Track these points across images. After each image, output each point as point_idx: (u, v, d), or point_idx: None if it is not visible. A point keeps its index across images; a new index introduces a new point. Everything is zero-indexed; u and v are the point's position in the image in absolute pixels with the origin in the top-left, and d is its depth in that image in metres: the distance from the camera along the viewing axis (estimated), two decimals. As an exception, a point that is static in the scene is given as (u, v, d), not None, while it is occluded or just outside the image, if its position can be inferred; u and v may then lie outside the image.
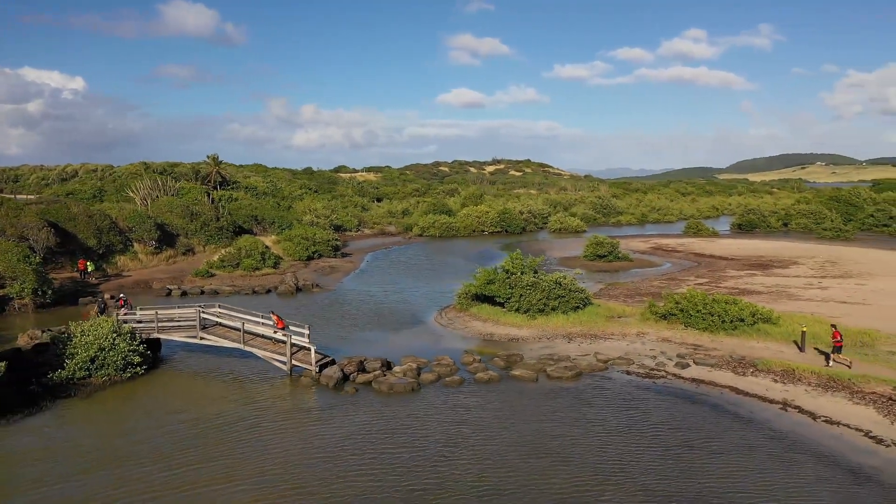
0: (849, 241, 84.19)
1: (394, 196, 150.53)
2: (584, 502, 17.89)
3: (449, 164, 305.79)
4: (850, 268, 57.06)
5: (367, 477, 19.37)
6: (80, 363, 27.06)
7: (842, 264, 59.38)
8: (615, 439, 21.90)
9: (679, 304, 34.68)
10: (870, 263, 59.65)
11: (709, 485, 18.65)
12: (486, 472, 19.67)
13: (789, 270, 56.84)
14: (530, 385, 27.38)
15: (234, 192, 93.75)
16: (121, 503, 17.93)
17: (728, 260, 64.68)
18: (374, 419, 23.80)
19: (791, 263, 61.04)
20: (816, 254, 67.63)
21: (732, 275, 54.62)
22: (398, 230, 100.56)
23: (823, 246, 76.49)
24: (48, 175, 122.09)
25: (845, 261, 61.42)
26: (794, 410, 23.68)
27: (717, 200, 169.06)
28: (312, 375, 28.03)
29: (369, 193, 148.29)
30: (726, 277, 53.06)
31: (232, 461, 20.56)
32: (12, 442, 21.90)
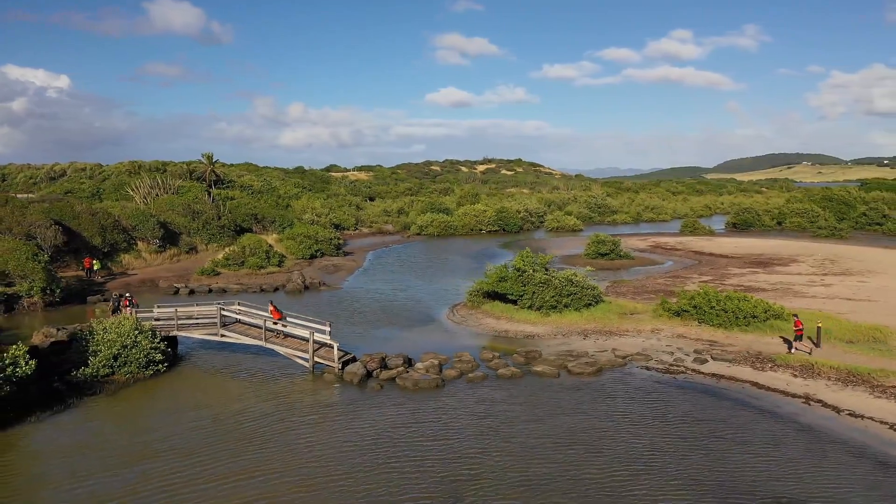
0: (844, 239, 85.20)
1: (386, 195, 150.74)
2: (619, 490, 18.17)
3: (440, 164, 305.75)
4: (849, 265, 57.78)
5: (404, 468, 19.62)
6: (104, 360, 27.05)
7: (841, 262, 60.11)
8: (644, 431, 22.23)
9: (693, 300, 35.08)
10: (868, 261, 60.42)
11: (740, 474, 18.98)
12: (520, 463, 19.98)
13: (790, 268, 57.49)
14: (553, 380, 27.64)
15: (230, 191, 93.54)
16: (157, 496, 18.08)
17: (728, 258, 65.31)
18: (403, 413, 24.01)
19: (791, 261, 61.73)
20: (815, 252, 68.41)
21: (735, 272, 55.18)
22: (396, 229, 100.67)
23: (820, 244, 77.37)
24: (36, 174, 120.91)
25: (844, 259, 62.18)
26: (818, 404, 24.07)
27: (709, 199, 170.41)
28: (335, 372, 28.16)
29: (362, 192, 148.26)
30: (729, 275, 53.59)
31: (264, 455, 20.73)
32: (44, 438, 21.95)
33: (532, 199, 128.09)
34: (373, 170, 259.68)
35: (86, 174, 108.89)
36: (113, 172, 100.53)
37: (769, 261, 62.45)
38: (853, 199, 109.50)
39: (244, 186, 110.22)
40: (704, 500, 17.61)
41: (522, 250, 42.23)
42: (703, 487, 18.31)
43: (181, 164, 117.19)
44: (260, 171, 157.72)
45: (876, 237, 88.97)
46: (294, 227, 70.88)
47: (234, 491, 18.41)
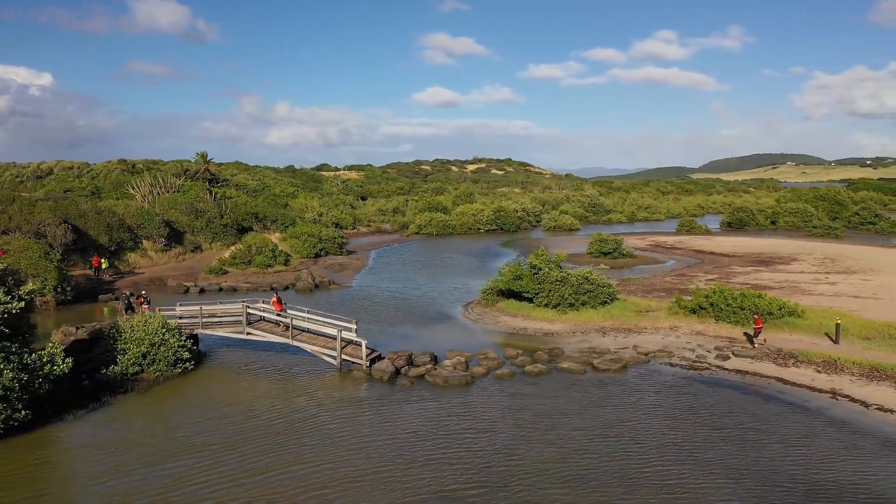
0: (838, 238, 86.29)
1: (378, 194, 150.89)
2: (664, 480, 18.50)
3: (430, 163, 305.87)
4: (849, 264, 58.59)
5: (448, 459, 19.96)
6: (133, 358, 27.06)
7: (841, 261, 60.93)
8: (678, 424, 22.67)
9: (709, 298, 35.53)
10: (867, 260, 61.29)
11: (779, 465, 19.41)
12: (561, 454, 20.42)
13: (791, 266, 58.22)
14: (580, 377, 27.97)
15: (227, 190, 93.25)
16: (205, 488, 18.33)
17: (730, 257, 66.00)
18: (439, 408, 24.28)
19: (791, 260, 62.49)
20: (813, 251, 69.29)
21: (739, 271, 55.83)
22: (394, 228, 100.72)
23: (816, 243, 78.35)
24: (22, 172, 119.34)
25: (843, 257, 63.03)
26: (845, 399, 24.56)
27: (700, 199, 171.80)
28: (363, 369, 28.31)
29: (354, 192, 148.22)
30: (734, 273, 54.21)
31: (305, 448, 21.02)
32: (84, 434, 22.06)
33: (526, 199, 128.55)
34: (363, 169, 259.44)
35: (73, 173, 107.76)
36: (102, 171, 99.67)
37: (770, 259, 63.19)
38: (845, 199, 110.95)
39: (239, 185, 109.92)
40: (747, 488, 18.01)
41: (536, 249, 42.53)
42: (744, 476, 18.79)
43: (173, 163, 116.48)
44: (252, 170, 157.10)
45: (869, 236, 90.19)
46: (297, 226, 70.81)
47: (280, 482, 18.71)
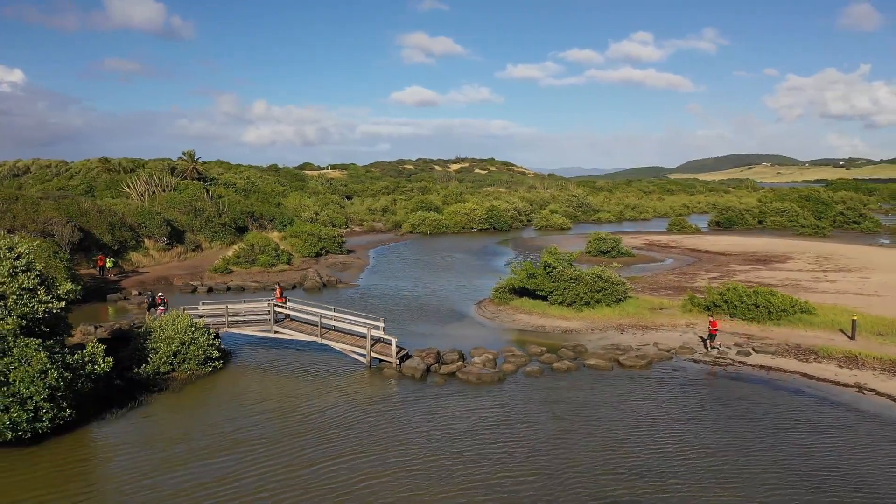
0: (826, 237, 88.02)
1: (363, 193, 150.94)
2: (709, 467, 18.92)
3: (413, 162, 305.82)
4: (844, 262, 59.85)
5: (494, 451, 20.27)
6: (164, 357, 26.97)
7: (835, 259, 62.21)
8: (712, 416, 23.23)
9: (723, 296, 36.20)
10: (860, 258, 62.65)
11: (822, 458, 19.93)
12: (604, 444, 21.03)
13: (788, 265, 59.32)
14: (608, 373, 28.40)
15: (216, 188, 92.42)
16: (259, 480, 18.58)
17: (726, 255, 67.06)
18: (477, 403, 24.59)
19: (786, 258, 63.66)
20: (805, 249, 70.61)
21: (738, 269, 56.78)
22: (386, 227, 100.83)
23: (807, 242, 79.88)
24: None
25: (837, 256, 64.35)
26: (871, 393, 25.23)
27: (684, 199, 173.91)
28: (394, 367, 28.47)
29: (339, 191, 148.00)
30: (734, 272, 55.12)
31: (349, 441, 21.32)
32: (128, 431, 22.09)
33: (516, 198, 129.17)
34: (347, 168, 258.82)
35: (51, 171, 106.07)
36: (80, 169, 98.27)
37: (766, 258, 64.31)
38: (828, 199, 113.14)
39: (228, 184, 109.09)
40: (798, 480, 18.46)
41: (549, 247, 42.98)
42: (791, 467, 19.29)
43: (154, 162, 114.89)
44: (236, 169, 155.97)
45: (855, 235, 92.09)
46: (295, 226, 70.63)
47: (334, 473, 19.08)
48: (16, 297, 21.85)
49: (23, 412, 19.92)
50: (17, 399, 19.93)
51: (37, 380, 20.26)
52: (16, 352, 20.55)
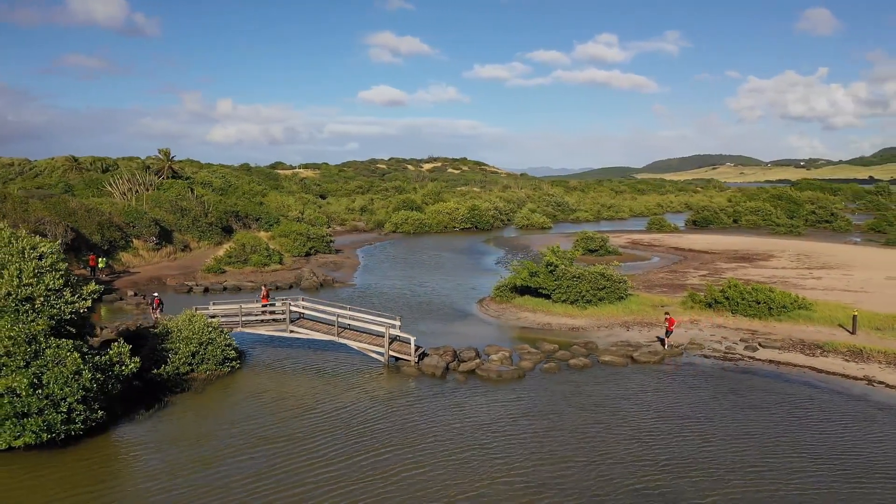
0: (801, 236, 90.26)
1: (337, 192, 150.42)
2: (741, 457, 19.49)
3: (385, 162, 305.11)
4: (825, 260, 61.55)
5: (530, 441, 20.65)
6: (183, 358, 26.74)
7: (815, 257, 63.93)
8: (732, 408, 23.97)
9: (725, 292, 37.04)
10: (839, 256, 64.49)
11: (846, 446, 20.69)
12: (634, 434, 21.68)
13: (772, 263, 60.80)
14: (624, 369, 28.95)
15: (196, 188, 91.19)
16: (294, 475, 18.83)
17: (710, 254, 68.39)
18: (503, 398, 24.99)
19: (769, 256, 65.22)
20: (785, 248, 72.40)
21: (725, 267, 58.02)
22: (368, 226, 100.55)
23: (784, 240, 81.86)
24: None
25: (816, 254, 66.14)
26: (881, 385, 26.15)
27: (658, 198, 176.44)
28: (412, 365, 28.59)
29: (313, 190, 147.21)
30: (722, 270, 56.32)
31: (381, 436, 21.64)
32: (158, 431, 22.00)
33: (494, 198, 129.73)
34: (319, 167, 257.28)
35: (14, 170, 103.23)
36: (45, 168, 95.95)
37: (749, 256, 65.79)
38: (799, 199, 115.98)
39: (205, 183, 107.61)
40: (822, 465, 19.19)
41: (550, 245, 43.43)
42: (813, 453, 20.12)
43: (125, 160, 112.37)
44: (209, 168, 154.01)
45: (827, 234, 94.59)
46: (282, 225, 70.09)
47: (372, 465, 19.44)
48: (43, 299, 21.48)
49: (57, 414, 19.64)
50: (51, 401, 19.65)
51: (70, 381, 20.00)
52: (49, 353, 20.23)
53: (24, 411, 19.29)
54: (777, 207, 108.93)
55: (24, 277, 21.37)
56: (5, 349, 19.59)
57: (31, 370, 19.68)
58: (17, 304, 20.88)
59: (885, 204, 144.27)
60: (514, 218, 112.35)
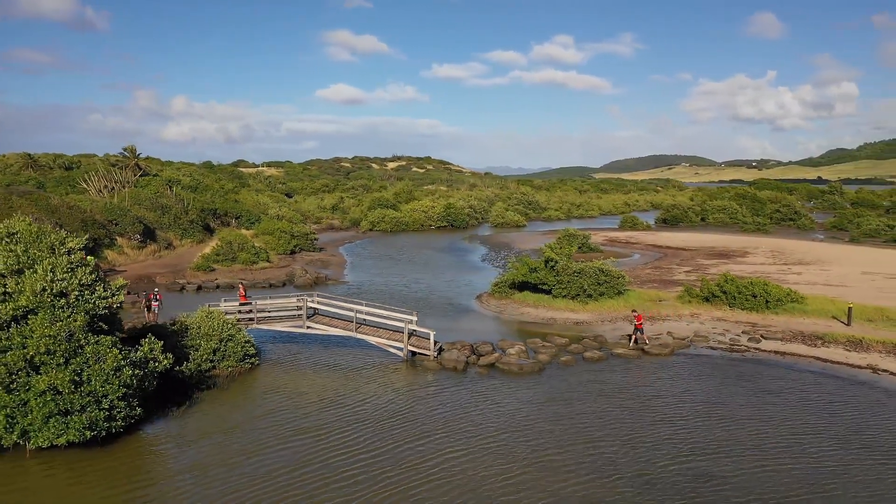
0: (768, 233, 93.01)
1: (303, 191, 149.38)
2: (794, 448, 20.29)
3: (349, 160, 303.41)
4: (799, 256, 63.66)
5: (567, 431, 21.17)
6: (205, 355, 26.51)
7: (789, 254, 66.06)
8: (746, 393, 24.87)
9: (722, 287, 38.16)
10: (811, 252, 66.78)
11: (859, 426, 21.84)
12: (664, 418, 22.58)
13: (749, 259, 62.63)
14: (638, 361, 29.73)
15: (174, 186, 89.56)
16: (331, 463, 19.30)
17: (688, 250, 70.04)
18: (530, 390, 25.63)
19: (745, 253, 67.14)
20: (758, 244, 74.59)
21: (707, 263, 59.56)
22: (344, 225, 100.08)
23: (755, 238, 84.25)
24: None
25: (789, 251, 68.32)
26: (885, 373, 27.40)
27: (624, 197, 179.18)
28: (432, 360, 28.84)
29: (278, 189, 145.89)
30: (704, 266, 57.81)
31: (413, 426, 22.09)
32: (194, 426, 22.01)
33: (468, 196, 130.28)
34: (283, 166, 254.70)
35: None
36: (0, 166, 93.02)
37: (726, 253, 67.63)
38: (762, 198, 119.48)
39: (174, 181, 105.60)
40: (861, 450, 20.09)
41: (550, 242, 44.05)
42: (830, 433, 21.15)
43: (81, 157, 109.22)
44: (174, 166, 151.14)
45: (793, 231, 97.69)
46: (263, 223, 69.42)
47: (413, 454, 19.93)
48: (77, 294, 21.10)
49: (99, 411, 19.38)
50: (93, 398, 19.36)
51: (111, 378, 19.74)
52: (88, 349, 19.92)
53: (67, 409, 19.00)
54: (742, 206, 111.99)
55: (58, 273, 20.96)
56: (45, 346, 19.21)
57: (71, 367, 19.36)
58: (52, 300, 20.46)
59: (841, 203, 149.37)
60: (489, 216, 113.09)
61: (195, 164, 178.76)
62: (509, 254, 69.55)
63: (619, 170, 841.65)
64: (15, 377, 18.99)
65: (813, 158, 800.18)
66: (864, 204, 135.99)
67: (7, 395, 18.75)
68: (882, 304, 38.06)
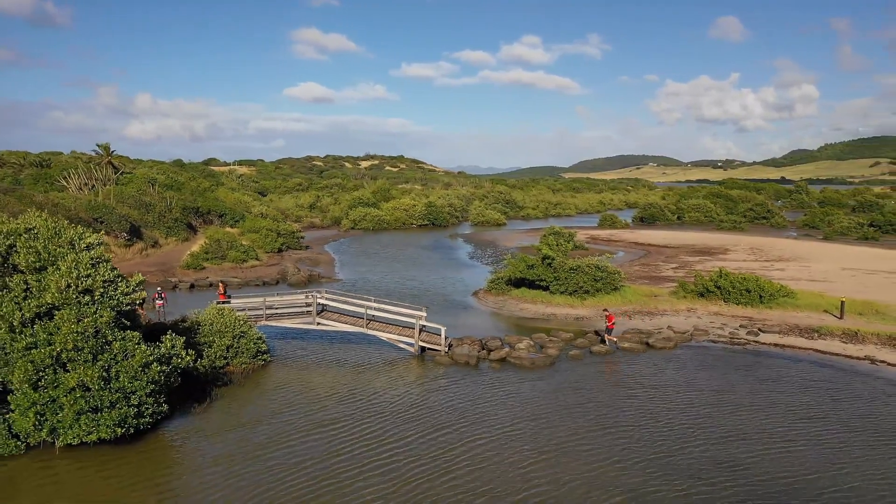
0: (744, 231, 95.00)
1: (276, 190, 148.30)
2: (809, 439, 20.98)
3: (322, 159, 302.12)
4: (778, 253, 65.22)
5: (592, 418, 21.55)
6: (219, 351, 26.40)
7: (768, 251, 67.62)
8: (752, 382, 25.66)
9: (716, 282, 39.05)
10: (789, 249, 68.45)
11: (868, 415, 22.62)
12: (680, 408, 22.82)
13: (731, 256, 64.00)
14: (642, 354, 30.33)
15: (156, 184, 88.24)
16: (357, 453, 19.61)
17: (670, 248, 71.31)
18: (545, 380, 26.00)
19: (726, 250, 68.56)
20: (737, 242, 76.20)
21: (690, 260, 60.73)
22: (324, 223, 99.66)
23: (733, 236, 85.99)
24: None
25: (768, 248, 69.94)
26: (883, 364, 28.38)
27: (600, 196, 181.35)
28: (443, 355, 29.06)
29: (252, 187, 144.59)
30: (690, 263, 58.94)
31: (435, 418, 22.40)
32: (219, 420, 21.99)
33: (449, 194, 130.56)
34: (254, 164, 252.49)
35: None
36: None
37: (707, 250, 68.99)
38: (735, 197, 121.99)
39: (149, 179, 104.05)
40: (868, 434, 20.89)
41: (547, 238, 44.54)
42: (837, 419, 21.91)
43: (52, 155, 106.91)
44: (145, 164, 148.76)
45: (766, 229, 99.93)
46: (248, 221, 68.88)
47: (434, 443, 20.34)
48: (102, 290, 20.89)
49: (129, 408, 19.25)
50: (122, 394, 19.22)
51: (140, 374, 19.61)
52: (116, 346, 19.75)
53: (97, 406, 18.84)
54: (717, 205, 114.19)
55: (82, 269, 20.73)
56: (73, 342, 19.00)
57: (99, 364, 19.18)
58: (77, 297, 20.23)
59: (809, 202, 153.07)
60: (469, 214, 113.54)
61: (166, 163, 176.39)
62: (496, 251, 70.11)
63: (588, 169, 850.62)
64: (42, 374, 18.77)
65: (776, 159, 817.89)
66: (831, 203, 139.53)
67: (35, 393, 18.53)
68: (865, 297, 39.35)
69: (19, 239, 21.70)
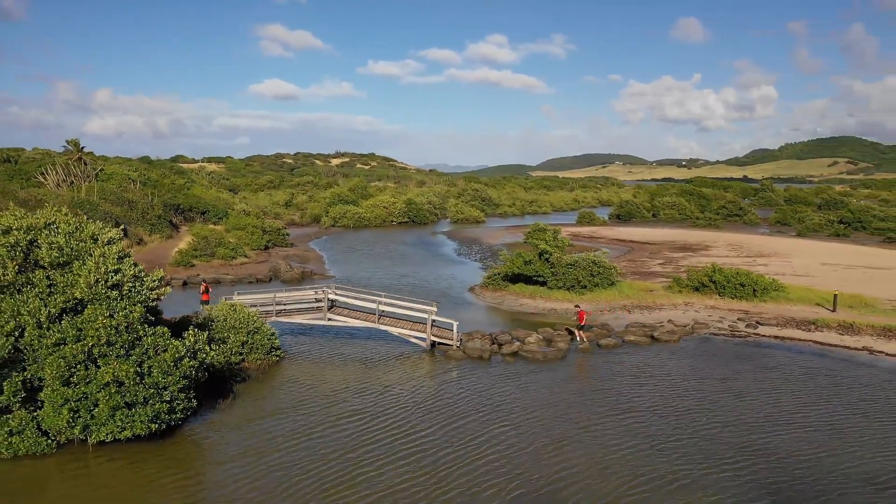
0: (719, 228, 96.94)
1: (247, 188, 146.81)
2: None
3: (292, 156, 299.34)
4: (758, 249, 66.78)
5: (611, 406, 22.02)
6: (234, 347, 26.24)
7: (748, 247, 69.19)
8: (756, 370, 26.51)
9: (711, 277, 39.92)
10: (768, 246, 70.16)
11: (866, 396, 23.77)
12: (690, 395, 23.71)
13: (713, 252, 65.33)
14: (648, 347, 30.99)
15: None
16: (380, 442, 19.95)
17: (653, 245, 72.50)
18: (560, 373, 26.79)
19: (707, 247, 69.98)
20: (715, 238, 77.79)
21: (675, 256, 61.88)
22: (304, 221, 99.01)
23: (710, 232, 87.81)
24: None
25: (747, 244, 71.57)
26: (881, 354, 29.43)
27: (573, 194, 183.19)
28: (455, 349, 29.28)
29: (222, 185, 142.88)
30: (675, 259, 60.07)
31: (457, 408, 22.76)
32: (244, 414, 21.94)
33: (427, 192, 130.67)
34: (223, 161, 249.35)
35: None
36: None
37: (689, 246, 70.31)
38: (708, 194, 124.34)
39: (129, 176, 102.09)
40: (874, 417, 21.75)
41: (544, 234, 44.97)
42: (858, 406, 22.66)
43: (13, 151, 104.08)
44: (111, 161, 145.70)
45: (740, 226, 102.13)
46: (232, 218, 68.16)
47: (457, 432, 20.75)
48: (130, 285, 20.65)
49: (162, 403, 19.07)
50: (155, 389, 19.05)
51: (172, 370, 19.44)
52: (148, 341, 19.55)
53: (131, 401, 18.63)
54: (690, 202, 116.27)
55: (110, 263, 20.46)
56: (107, 337, 18.76)
57: (132, 359, 18.98)
58: (106, 292, 19.97)
59: (776, 200, 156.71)
60: (447, 212, 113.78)
61: (133, 160, 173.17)
62: (482, 248, 70.52)
63: (556, 168, 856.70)
64: (75, 370, 18.50)
65: (738, 158, 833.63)
66: (798, 201, 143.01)
67: (68, 390, 18.25)
68: (849, 291, 40.65)
69: (40, 234, 21.31)
